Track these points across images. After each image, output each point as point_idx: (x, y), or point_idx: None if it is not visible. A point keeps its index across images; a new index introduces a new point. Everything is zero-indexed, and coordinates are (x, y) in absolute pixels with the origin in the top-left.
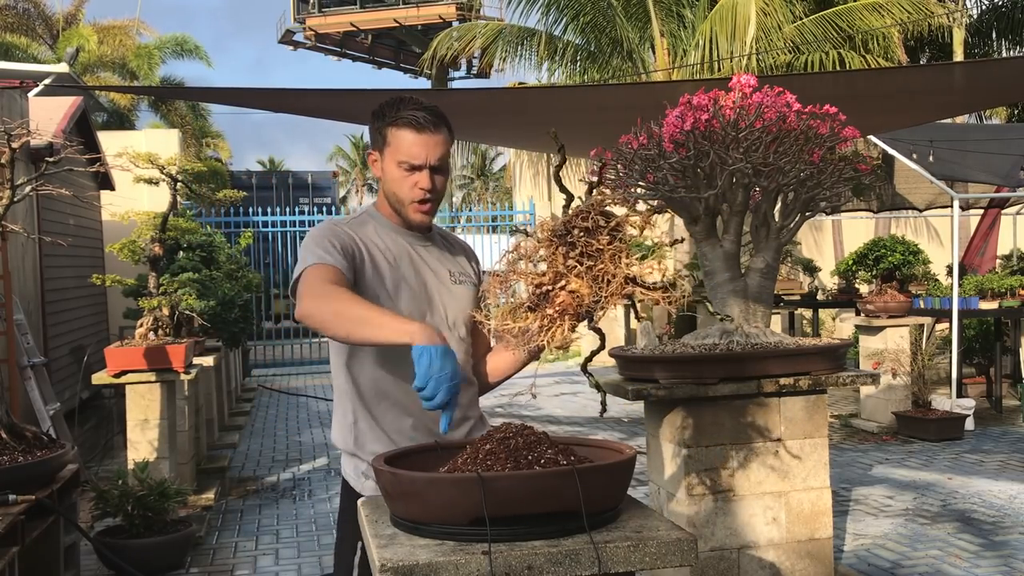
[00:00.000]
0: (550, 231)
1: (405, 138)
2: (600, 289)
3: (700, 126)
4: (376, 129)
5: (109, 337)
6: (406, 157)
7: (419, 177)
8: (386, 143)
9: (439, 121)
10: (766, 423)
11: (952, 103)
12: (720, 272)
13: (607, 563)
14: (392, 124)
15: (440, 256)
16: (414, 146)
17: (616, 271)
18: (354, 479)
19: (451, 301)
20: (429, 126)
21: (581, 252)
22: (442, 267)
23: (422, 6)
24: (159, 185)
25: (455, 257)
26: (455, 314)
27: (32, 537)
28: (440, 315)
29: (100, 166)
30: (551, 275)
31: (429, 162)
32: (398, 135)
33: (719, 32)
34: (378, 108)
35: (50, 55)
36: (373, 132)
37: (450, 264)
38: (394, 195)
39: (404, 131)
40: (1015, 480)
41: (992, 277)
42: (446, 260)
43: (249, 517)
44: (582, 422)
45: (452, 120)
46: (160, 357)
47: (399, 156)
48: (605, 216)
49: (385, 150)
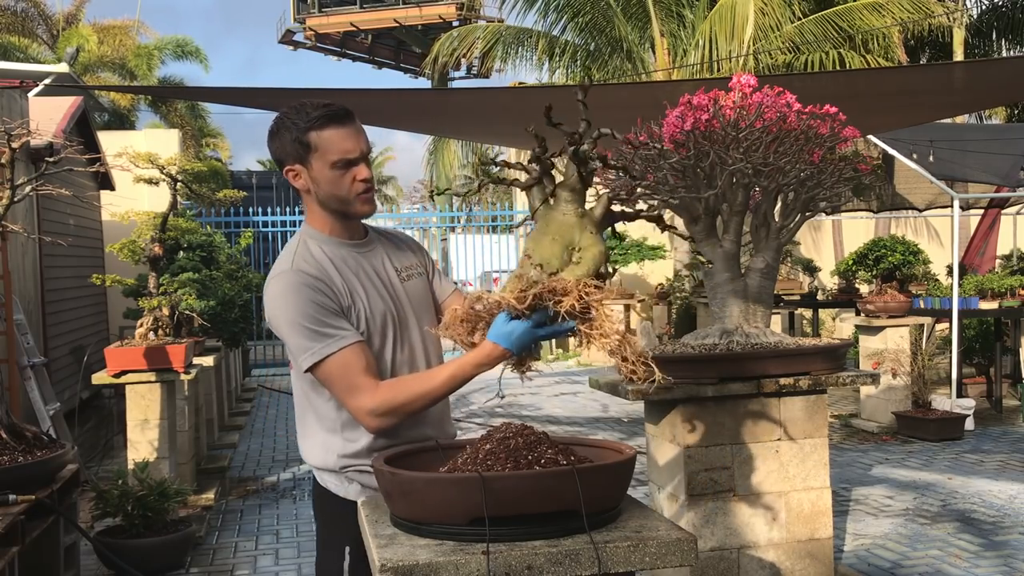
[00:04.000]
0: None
1: (333, 137)
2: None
3: (700, 126)
4: (290, 142)
5: (109, 337)
6: (340, 154)
7: (357, 170)
8: (311, 150)
9: (350, 111)
10: (766, 423)
11: (952, 103)
12: (720, 272)
13: (607, 563)
14: (312, 128)
15: (384, 257)
16: (346, 140)
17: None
18: (336, 485)
19: (407, 299)
20: (349, 118)
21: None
22: (389, 267)
23: (422, 6)
24: (159, 185)
25: (399, 253)
26: (416, 310)
27: (32, 537)
28: (405, 317)
29: (100, 166)
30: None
31: (362, 151)
32: (324, 136)
33: (719, 32)
34: (281, 123)
35: (50, 55)
36: (285, 147)
37: (395, 262)
38: (335, 197)
39: (329, 130)
40: (1015, 480)
41: (992, 277)
42: (391, 259)
43: (249, 517)
44: (582, 422)
45: (452, 120)
46: (160, 357)
47: (332, 156)
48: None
49: (311, 157)
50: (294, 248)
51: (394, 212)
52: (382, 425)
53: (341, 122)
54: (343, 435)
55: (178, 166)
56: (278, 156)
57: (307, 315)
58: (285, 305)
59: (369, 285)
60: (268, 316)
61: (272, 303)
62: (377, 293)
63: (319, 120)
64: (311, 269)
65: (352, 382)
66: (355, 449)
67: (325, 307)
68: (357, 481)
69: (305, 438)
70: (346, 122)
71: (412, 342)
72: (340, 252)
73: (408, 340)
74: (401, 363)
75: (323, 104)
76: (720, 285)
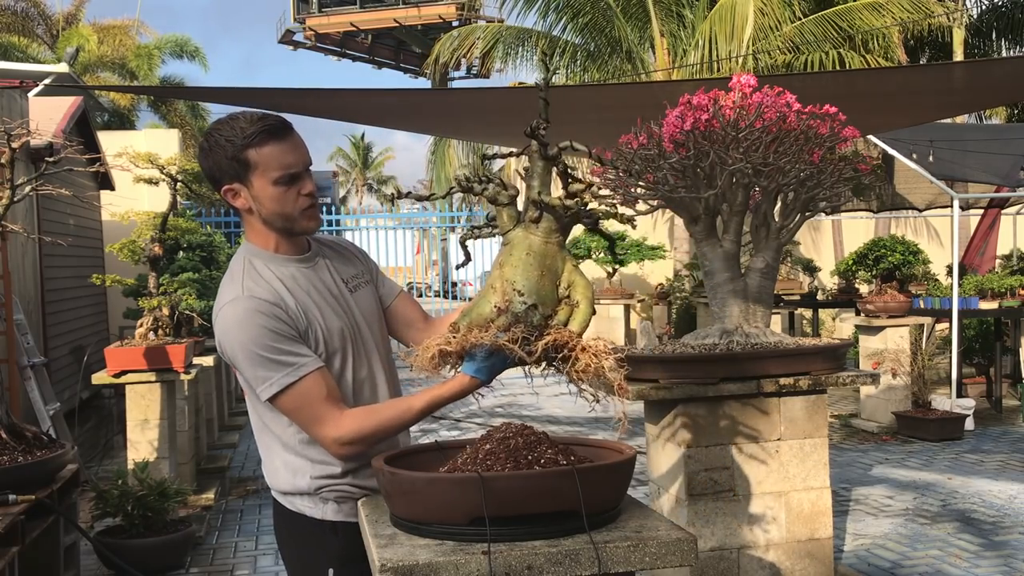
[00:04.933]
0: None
1: (273, 152)
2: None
3: (700, 126)
4: (226, 160)
5: (109, 337)
6: (282, 169)
7: (301, 184)
8: (250, 167)
9: (288, 123)
10: (766, 423)
11: (952, 103)
12: (720, 272)
13: (607, 563)
14: (249, 146)
15: (328, 270)
16: (287, 155)
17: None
18: (311, 508)
19: (358, 311)
20: (287, 130)
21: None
22: (337, 280)
23: (422, 6)
24: (159, 185)
25: (344, 263)
26: (368, 321)
27: (32, 537)
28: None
29: (100, 166)
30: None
31: (305, 164)
32: (263, 153)
33: (719, 32)
34: (214, 141)
35: (50, 55)
36: (220, 165)
37: (341, 272)
38: (279, 215)
39: (268, 146)
40: (1015, 480)
41: (992, 277)
42: (336, 270)
43: (249, 517)
44: (582, 422)
45: (452, 120)
46: (160, 357)
47: (274, 173)
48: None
49: (251, 176)
50: (241, 271)
51: (394, 212)
52: (350, 453)
53: (280, 137)
54: (310, 456)
55: (178, 166)
56: (213, 175)
57: (263, 344)
58: (240, 334)
59: (323, 302)
60: (221, 345)
61: (225, 333)
62: (332, 310)
63: (257, 136)
64: (264, 294)
65: (315, 412)
66: (328, 469)
67: (282, 333)
68: (332, 500)
69: (270, 462)
70: (285, 136)
71: (370, 358)
72: (288, 271)
73: (366, 356)
74: (362, 381)
75: (258, 118)
76: (720, 285)
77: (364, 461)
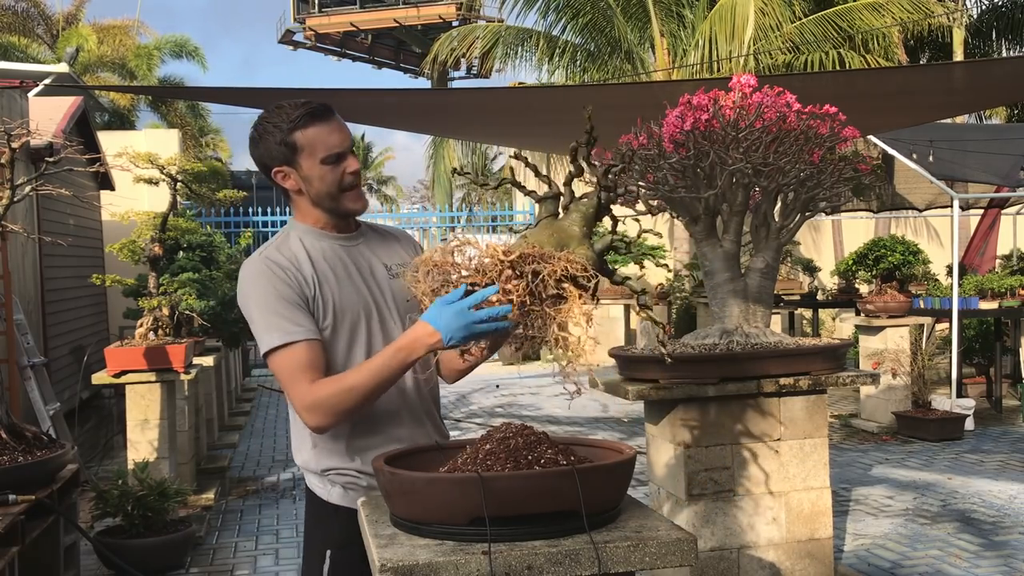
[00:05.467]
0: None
1: (318, 134)
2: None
3: (700, 126)
4: (275, 145)
5: (109, 337)
6: (328, 149)
7: (347, 163)
8: (297, 150)
9: (329, 107)
10: (766, 423)
11: (952, 103)
12: (720, 272)
13: (607, 563)
14: (295, 129)
15: (372, 252)
16: (332, 135)
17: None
18: (320, 488)
19: (391, 296)
20: (329, 113)
21: (526, 285)
22: (377, 264)
23: (422, 6)
24: (159, 185)
25: (388, 248)
26: (401, 308)
27: (32, 537)
28: (385, 313)
29: (100, 166)
30: (486, 281)
31: (349, 144)
32: (308, 134)
33: (719, 32)
34: (263, 128)
35: (50, 55)
36: (270, 150)
37: (384, 258)
38: (326, 195)
39: (312, 128)
40: (1015, 480)
41: (992, 277)
42: (380, 255)
43: (249, 517)
44: (582, 422)
45: (453, 120)
46: (160, 357)
47: (321, 153)
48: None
49: (298, 157)
50: (275, 239)
51: (394, 212)
52: (319, 424)
53: (324, 118)
54: (324, 439)
55: (178, 166)
56: (263, 161)
57: (265, 303)
58: (249, 290)
59: (345, 278)
60: (238, 299)
61: (240, 288)
62: (353, 288)
63: (302, 119)
64: (278, 258)
65: (292, 378)
66: (335, 452)
67: (284, 296)
68: (339, 484)
69: (293, 437)
70: (328, 118)
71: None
72: (322, 244)
73: (384, 339)
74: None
75: (301, 103)
76: (720, 285)
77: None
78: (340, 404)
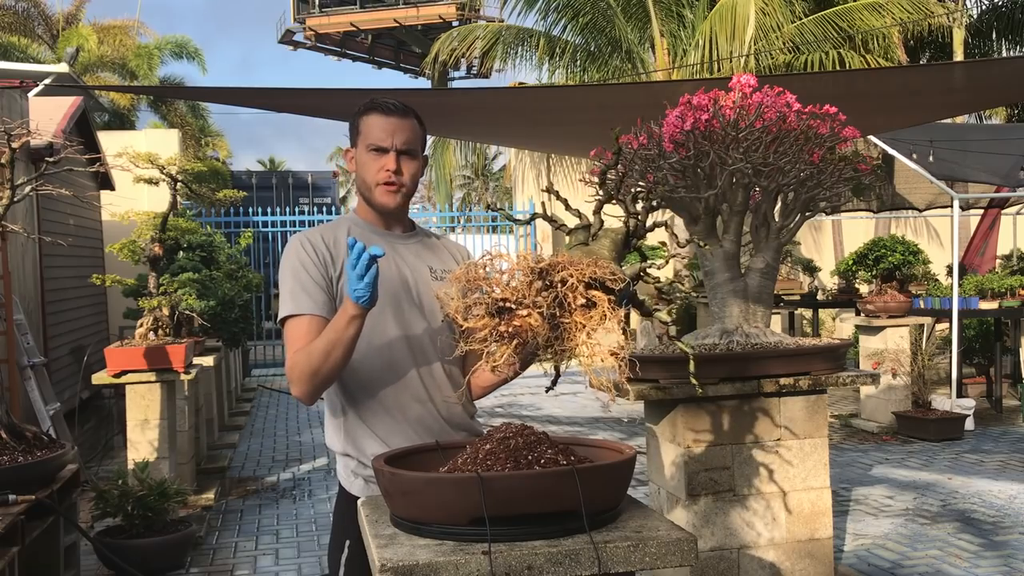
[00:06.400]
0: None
1: (374, 123)
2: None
3: (700, 126)
4: (352, 126)
5: (109, 337)
6: (374, 140)
7: (386, 160)
8: (359, 134)
9: (408, 109)
10: (766, 423)
11: (952, 103)
12: (720, 272)
13: (607, 563)
14: (363, 114)
15: (421, 253)
16: (381, 129)
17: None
18: (344, 478)
19: (426, 294)
20: (397, 111)
21: (555, 297)
22: (422, 264)
23: (422, 6)
24: (159, 185)
25: (438, 255)
26: (431, 307)
27: (32, 537)
28: (420, 311)
29: (100, 166)
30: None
31: (395, 145)
32: (367, 122)
33: (719, 32)
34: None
35: (50, 55)
36: (351, 131)
37: (431, 261)
38: (363, 182)
39: (372, 116)
40: (1015, 480)
41: (992, 277)
42: (427, 257)
43: (249, 517)
44: (582, 422)
45: (452, 120)
46: (160, 357)
47: (368, 141)
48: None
49: (358, 141)
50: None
51: None
52: (299, 393)
53: (384, 112)
54: (345, 426)
55: (178, 166)
56: (350, 138)
57: (290, 273)
58: (284, 260)
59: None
60: None
61: (282, 259)
62: (383, 280)
63: (368, 107)
64: (314, 237)
65: (288, 347)
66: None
67: (307, 271)
68: (362, 478)
69: (327, 422)
70: (389, 114)
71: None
72: (366, 234)
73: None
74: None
75: (392, 99)
76: (720, 285)
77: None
78: (307, 371)
